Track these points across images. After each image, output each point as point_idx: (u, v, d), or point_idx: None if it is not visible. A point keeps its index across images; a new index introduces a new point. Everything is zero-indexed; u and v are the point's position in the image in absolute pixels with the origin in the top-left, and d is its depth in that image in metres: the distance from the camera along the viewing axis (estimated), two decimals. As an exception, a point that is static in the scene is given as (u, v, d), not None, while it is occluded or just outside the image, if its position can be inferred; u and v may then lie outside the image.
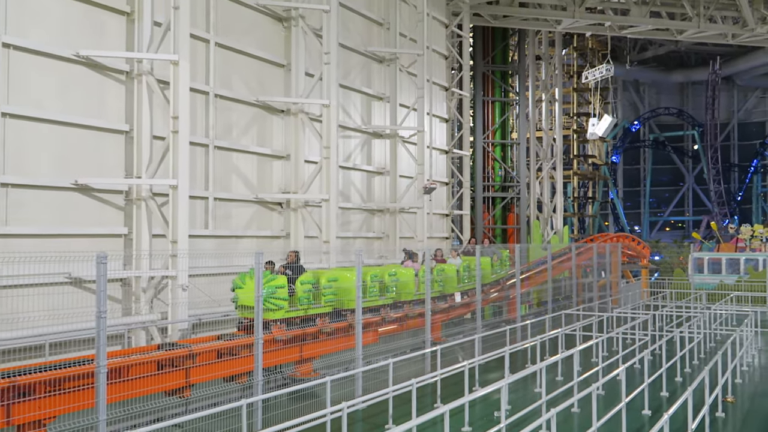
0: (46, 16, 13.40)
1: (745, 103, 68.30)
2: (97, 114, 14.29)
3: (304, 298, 13.15)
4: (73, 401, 8.90)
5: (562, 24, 33.05)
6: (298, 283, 13.12)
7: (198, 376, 10.86)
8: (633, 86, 70.46)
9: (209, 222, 16.86)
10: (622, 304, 27.03)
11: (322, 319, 13.76)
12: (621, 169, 70.14)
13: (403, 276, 16.18)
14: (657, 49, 60.94)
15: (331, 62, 19.24)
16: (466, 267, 18.83)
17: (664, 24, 33.39)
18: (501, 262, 21.20)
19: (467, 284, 18.75)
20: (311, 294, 13.38)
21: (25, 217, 12.95)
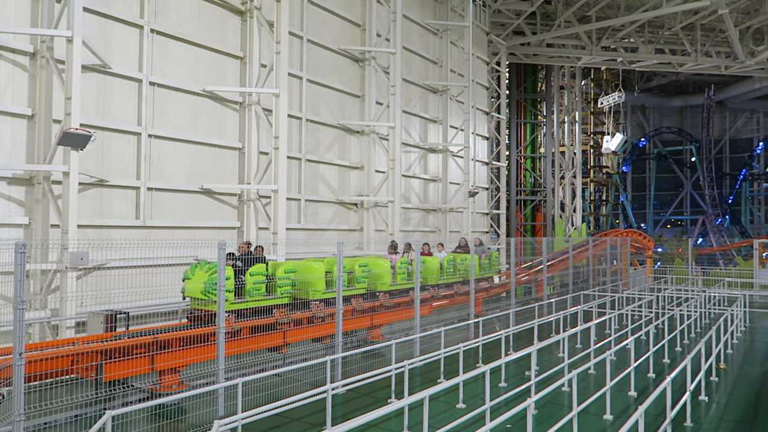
0: (180, 61, 13.83)
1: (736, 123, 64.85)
2: (218, 135, 14.67)
3: (254, 290, 10.42)
4: (200, 354, 9.13)
5: (581, 60, 32.13)
6: (248, 274, 10.38)
7: (293, 337, 11.00)
8: (640, 109, 67.83)
9: (301, 218, 17.10)
10: (631, 287, 26.12)
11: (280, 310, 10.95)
12: (630, 177, 67.69)
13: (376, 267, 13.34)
14: (660, 79, 58.46)
15: (396, 93, 19.24)
16: (451, 261, 16.15)
17: (667, 59, 32.09)
18: (490, 261, 18.39)
19: (451, 277, 15.97)
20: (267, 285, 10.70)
21: (164, 213, 13.41)
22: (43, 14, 11.16)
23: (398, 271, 13.92)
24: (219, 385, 8.14)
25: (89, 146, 10.80)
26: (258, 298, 10.59)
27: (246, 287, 10.28)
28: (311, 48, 17.54)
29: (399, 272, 13.97)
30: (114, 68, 12.30)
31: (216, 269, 8.93)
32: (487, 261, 17.70)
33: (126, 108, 12.71)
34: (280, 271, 10.92)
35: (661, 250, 42.53)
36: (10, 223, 10.75)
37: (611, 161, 48.72)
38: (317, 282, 11.57)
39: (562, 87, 38.53)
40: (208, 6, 14.46)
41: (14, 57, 10.91)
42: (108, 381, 8.45)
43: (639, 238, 32.18)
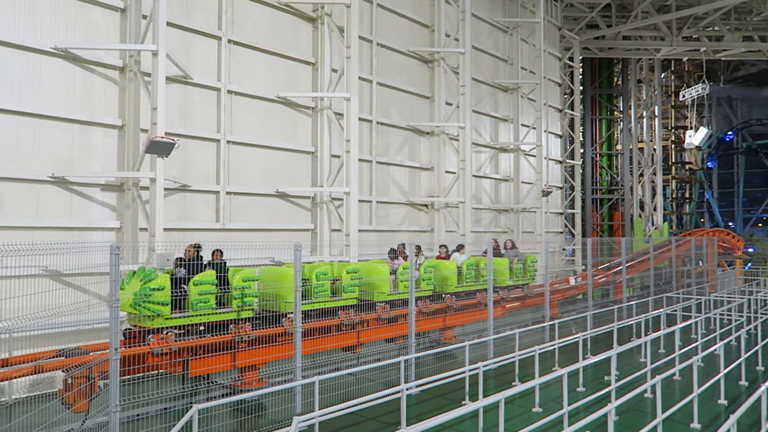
0: (255, 69, 14.33)
1: (836, 112, 60.10)
2: (291, 140, 15.09)
3: (199, 302, 8.62)
4: (278, 352, 9.42)
5: (661, 52, 30.68)
6: (191, 284, 8.62)
7: (366, 337, 11.12)
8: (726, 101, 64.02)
9: (373, 219, 17.29)
10: (719, 290, 24.68)
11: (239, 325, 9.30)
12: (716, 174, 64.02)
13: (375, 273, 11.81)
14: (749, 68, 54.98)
15: (466, 93, 19.08)
16: (472, 265, 13.87)
17: (755, 46, 30.01)
18: (525, 267, 15.78)
19: (471, 284, 13.68)
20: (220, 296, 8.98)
21: (242, 216, 13.92)
22: (130, 30, 11.87)
23: (400, 278, 11.92)
24: (296, 382, 8.38)
25: (173, 153, 11.37)
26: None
27: (189, 299, 8.48)
28: (380, 51, 17.71)
29: (401, 279, 11.86)
30: (195, 78, 12.90)
31: (152, 276, 7.88)
32: (521, 266, 15.45)
33: (206, 116, 13.30)
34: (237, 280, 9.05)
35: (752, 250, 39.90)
36: (104, 227, 11.50)
37: (695, 157, 46.26)
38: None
39: (639, 81, 36.94)
40: (281, 15, 14.90)
41: (106, 72, 11.67)
42: (193, 376, 8.86)
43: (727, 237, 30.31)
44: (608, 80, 35.11)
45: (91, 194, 11.39)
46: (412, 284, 10.82)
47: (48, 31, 10.84)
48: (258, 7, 14.40)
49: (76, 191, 11.18)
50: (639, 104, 36.71)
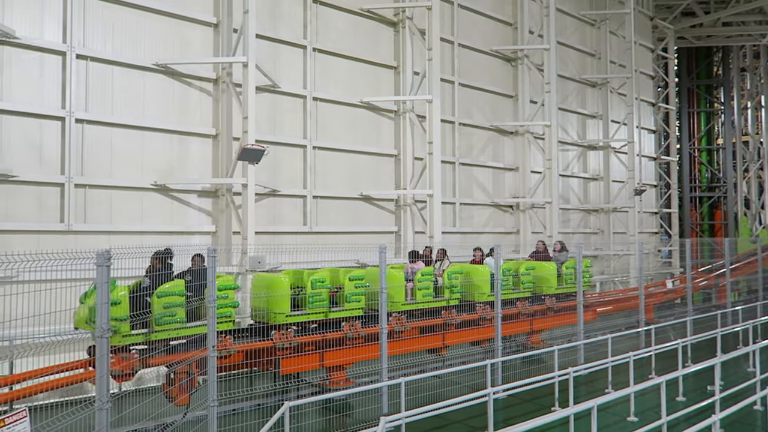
0: (339, 75, 14.66)
1: None
2: (375, 143, 15.30)
3: (165, 317, 7.49)
4: (364, 352, 9.56)
5: (767, 37, 28.42)
6: (155, 296, 7.45)
7: (452, 339, 11.06)
8: None
9: (456, 221, 17.19)
10: (839, 294, 22.46)
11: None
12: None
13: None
14: None
15: (551, 90, 18.57)
16: (509, 270, 12.11)
17: None
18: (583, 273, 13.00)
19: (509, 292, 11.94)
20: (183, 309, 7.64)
21: (328, 219, 14.28)
22: (222, 44, 12.50)
23: (418, 285, 10.58)
24: (383, 383, 8.47)
25: (263, 159, 11.86)
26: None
27: (153, 312, 7.34)
28: (462, 52, 17.60)
29: (420, 287, 10.61)
30: (282, 87, 13.39)
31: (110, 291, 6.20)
32: (571, 272, 13.31)
33: (293, 123, 13.77)
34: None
35: None
36: (200, 231, 12.18)
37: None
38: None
39: (743, 69, 34.41)
40: (363, 21, 15.17)
41: (201, 84, 12.36)
42: (284, 375, 9.19)
43: None
44: (707, 70, 33.00)
45: (189, 200, 12.09)
46: (498, 287, 10.63)
47: (149, 49, 11.63)
48: (341, 15, 14.73)
49: (176, 198, 11.92)
50: (743, 94, 34.18)
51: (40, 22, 10.40)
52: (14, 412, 4.56)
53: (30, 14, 10.29)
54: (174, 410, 7.87)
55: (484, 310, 11.33)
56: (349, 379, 9.68)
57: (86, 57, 10.81)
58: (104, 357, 5.28)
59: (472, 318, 11.30)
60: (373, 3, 15.11)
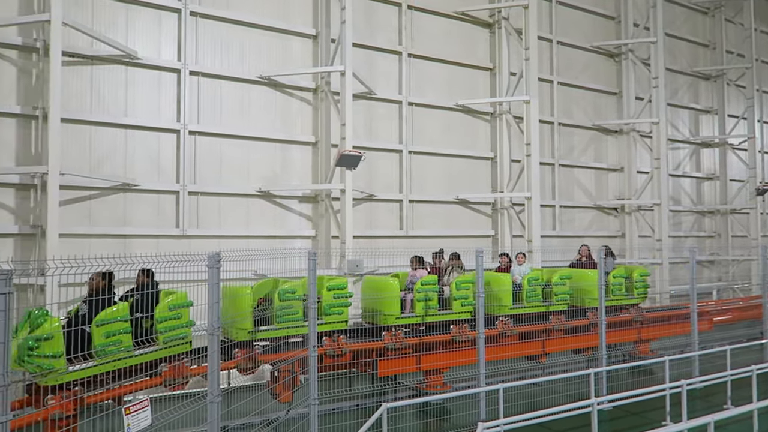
0: (434, 79, 14.69)
1: None
2: (471, 146, 15.17)
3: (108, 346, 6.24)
4: (461, 357, 9.48)
5: None
6: (94, 325, 6.19)
7: (552, 346, 10.72)
8: None
9: (556, 224, 16.64)
10: None
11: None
12: None
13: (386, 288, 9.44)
14: None
15: (659, 85, 17.51)
16: (535, 280, 10.71)
17: None
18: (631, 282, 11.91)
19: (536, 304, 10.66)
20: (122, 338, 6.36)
21: (423, 223, 14.33)
22: (321, 54, 12.93)
23: (418, 296, 9.42)
24: (481, 389, 8.37)
25: (360, 165, 12.12)
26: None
27: (94, 343, 6.14)
28: (561, 49, 17.05)
29: (420, 298, 9.45)
30: (378, 93, 13.62)
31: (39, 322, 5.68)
32: (620, 281, 11.81)
33: (389, 128, 13.96)
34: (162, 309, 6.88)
35: None
36: (301, 235, 12.65)
37: None
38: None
39: None
40: (458, 24, 15.10)
41: (301, 94, 12.85)
42: (381, 376, 9.32)
43: None
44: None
45: (290, 206, 12.60)
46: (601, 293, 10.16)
47: (254, 62, 12.26)
48: (435, 20, 14.76)
49: (279, 203, 12.46)
50: None
51: (158, 42, 11.28)
52: (137, 401, 4.96)
53: (150, 36, 11.20)
54: (278, 407, 8.22)
55: (506, 324, 10.15)
56: (446, 383, 9.65)
57: (198, 73, 11.59)
58: (215, 354, 5.61)
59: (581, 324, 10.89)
60: (468, 5, 15.01)
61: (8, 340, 3.46)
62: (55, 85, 9.46)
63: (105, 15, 10.77)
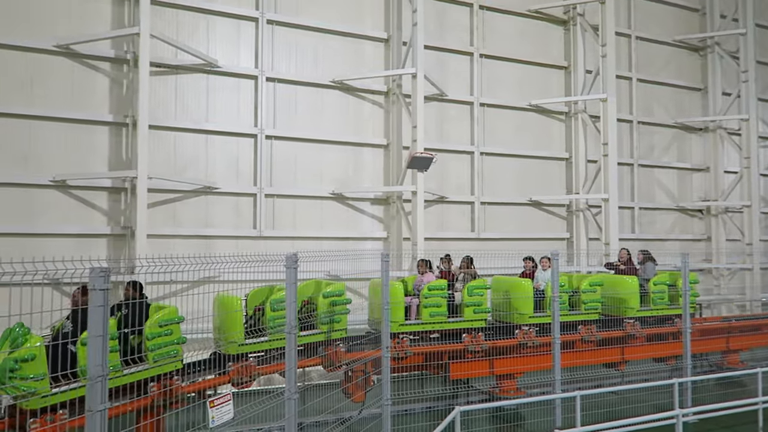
0: (506, 79, 14.45)
1: None
2: (544, 147, 14.82)
3: None
4: (535, 362, 9.27)
5: None
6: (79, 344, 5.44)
7: (632, 354, 10.27)
8: None
9: (635, 227, 15.96)
10: None
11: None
12: None
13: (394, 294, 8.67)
14: None
15: (749, 80, 16.46)
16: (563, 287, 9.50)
17: None
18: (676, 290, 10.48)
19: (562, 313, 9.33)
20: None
21: (495, 225, 14.12)
22: (392, 57, 13.01)
23: (425, 302, 8.90)
24: (556, 395, 8.14)
25: (431, 167, 12.09)
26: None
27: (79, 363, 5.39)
28: (640, 45, 16.35)
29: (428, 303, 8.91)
30: (449, 95, 13.55)
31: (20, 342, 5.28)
32: (662, 289, 10.51)
33: (460, 129, 13.86)
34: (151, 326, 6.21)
35: None
36: (373, 237, 12.76)
37: None
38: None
39: None
40: (531, 22, 14.80)
41: (373, 97, 12.98)
42: (453, 379, 9.24)
43: None
44: None
45: (362, 208, 12.75)
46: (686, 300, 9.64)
47: (327, 67, 12.50)
48: (507, 19, 14.53)
49: (351, 205, 12.63)
50: None
51: (237, 51, 11.71)
52: (221, 395, 5.16)
53: (229, 45, 11.65)
54: (350, 406, 8.32)
55: (526, 334, 9.33)
56: (519, 389, 9.45)
57: (274, 79, 11.94)
58: (292, 352, 5.75)
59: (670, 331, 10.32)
60: (542, 3, 14.68)
61: (106, 334, 3.68)
62: (144, 94, 10.03)
63: (188, 26, 11.30)
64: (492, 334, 9.14)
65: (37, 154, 10.10)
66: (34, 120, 10.08)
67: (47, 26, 10.18)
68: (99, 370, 3.61)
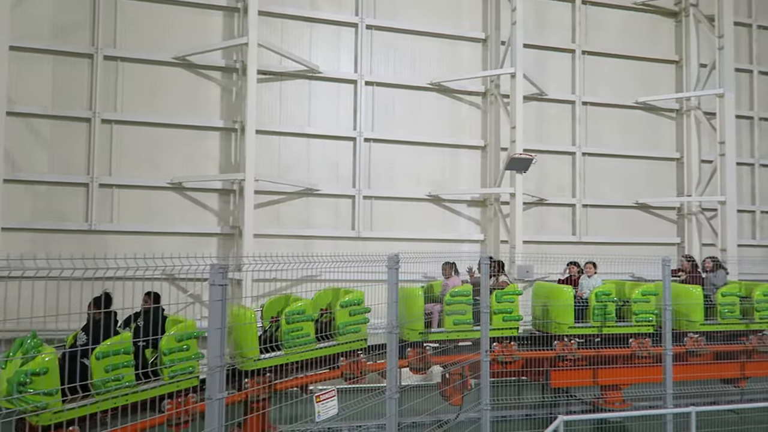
0: (610, 76, 13.78)
1: None
2: (652, 147, 14.00)
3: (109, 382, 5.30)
4: (644, 374, 8.76)
5: None
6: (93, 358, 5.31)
7: (753, 370, 9.46)
8: None
9: (756, 232, 14.65)
10: None
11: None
12: None
13: None
14: None
15: None
16: (606, 295, 8.87)
17: None
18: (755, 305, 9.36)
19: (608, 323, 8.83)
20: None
21: (598, 229, 13.51)
22: (490, 58, 12.82)
23: (448, 309, 8.20)
24: (668, 410, 7.65)
25: (530, 168, 11.77)
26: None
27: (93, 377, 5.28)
28: (763, 34, 15.02)
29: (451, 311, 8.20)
30: (549, 94, 13.14)
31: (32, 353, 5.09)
32: (732, 301, 9.31)
33: (560, 129, 13.40)
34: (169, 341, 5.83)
35: None
36: (470, 239, 12.63)
37: None
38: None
39: None
40: (637, 16, 14.04)
41: (470, 98, 12.85)
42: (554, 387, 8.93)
43: None
44: None
45: (459, 210, 12.65)
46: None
47: (424, 69, 12.52)
48: (612, 13, 13.87)
49: (447, 207, 12.57)
50: None
51: (337, 56, 12.02)
52: (326, 390, 5.30)
53: (330, 51, 11.98)
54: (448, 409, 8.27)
55: (566, 346, 8.66)
56: (625, 401, 8.98)
57: (372, 83, 12.14)
58: (393, 352, 5.80)
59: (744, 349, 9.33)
60: (650, -6, 13.90)
61: (224, 326, 3.89)
62: (251, 101, 10.54)
63: (292, 34, 11.75)
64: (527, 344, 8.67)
65: (157, 158, 10.90)
66: (155, 127, 10.89)
67: (167, 40, 10.97)
68: (218, 361, 3.82)
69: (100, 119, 10.59)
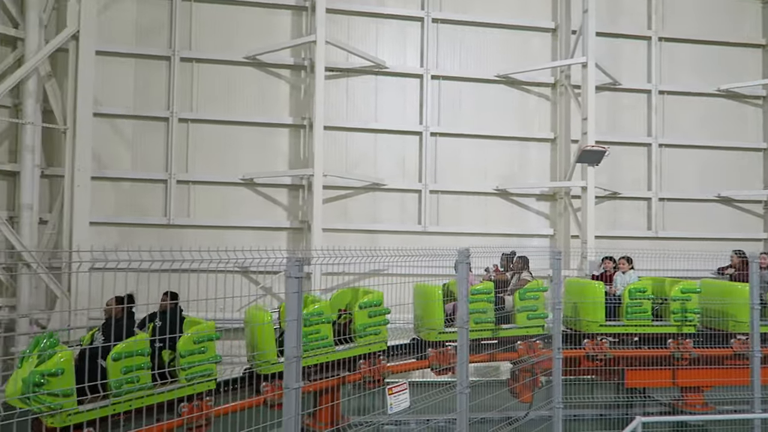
0: (689, 63, 13.10)
1: None
2: (737, 137, 13.21)
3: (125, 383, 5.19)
4: (729, 376, 8.30)
5: None
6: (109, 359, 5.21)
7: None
8: None
9: None
10: None
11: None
12: None
13: None
14: None
15: None
16: (643, 293, 8.32)
17: None
18: None
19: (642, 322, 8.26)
20: None
21: (676, 224, 12.92)
22: (560, 47, 12.44)
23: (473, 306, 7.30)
24: (756, 415, 7.21)
25: (603, 161, 11.37)
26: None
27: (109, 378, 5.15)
28: None
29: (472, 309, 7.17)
30: (623, 83, 12.64)
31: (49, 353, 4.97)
32: None
33: (635, 120, 12.87)
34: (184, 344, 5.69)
35: None
36: (539, 234, 12.35)
37: None
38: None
39: None
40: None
41: (539, 90, 12.53)
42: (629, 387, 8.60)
43: None
44: None
45: (527, 204, 12.39)
46: None
47: (491, 62, 12.31)
48: (692, -4, 13.18)
49: (515, 201, 12.34)
50: None
51: (403, 51, 12.01)
52: (398, 383, 5.32)
53: (395, 46, 11.98)
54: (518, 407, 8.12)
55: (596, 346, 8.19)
56: (707, 404, 8.53)
57: (439, 77, 12.05)
58: (464, 346, 5.75)
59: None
60: (734, -25, 13.10)
61: (300, 318, 3.97)
62: (319, 97, 10.70)
63: (358, 30, 11.83)
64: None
65: (230, 155, 11.26)
66: (228, 125, 11.26)
67: (238, 40, 11.30)
68: (294, 351, 3.90)
69: (177, 118, 11.05)
